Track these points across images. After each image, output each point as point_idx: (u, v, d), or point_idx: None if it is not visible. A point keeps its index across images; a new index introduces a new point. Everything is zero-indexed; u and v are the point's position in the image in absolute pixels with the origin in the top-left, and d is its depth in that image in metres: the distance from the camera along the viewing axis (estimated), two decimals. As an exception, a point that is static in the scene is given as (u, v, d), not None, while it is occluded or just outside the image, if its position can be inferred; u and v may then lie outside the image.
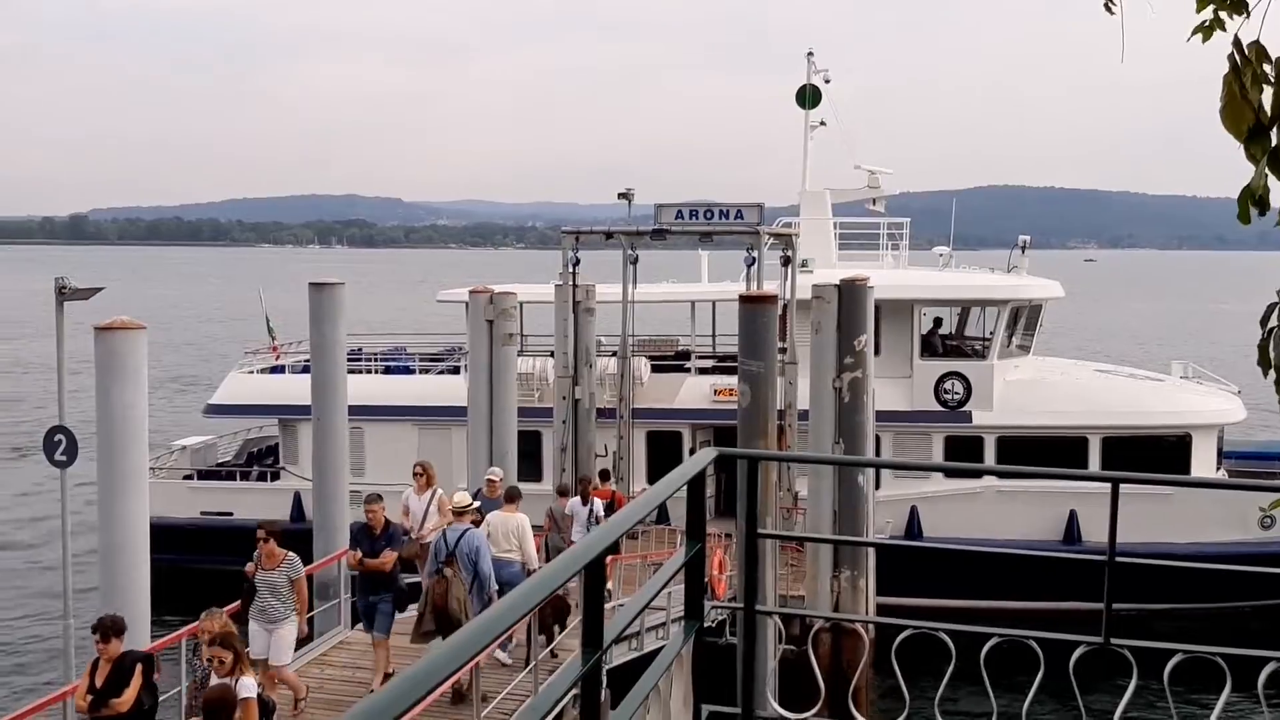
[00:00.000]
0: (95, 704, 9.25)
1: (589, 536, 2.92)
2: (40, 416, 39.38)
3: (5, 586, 23.64)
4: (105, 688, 9.29)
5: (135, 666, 9.32)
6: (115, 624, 9.53)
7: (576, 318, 21.51)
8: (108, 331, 11.93)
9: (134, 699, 9.18)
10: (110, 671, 9.35)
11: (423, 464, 14.56)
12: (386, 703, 1.81)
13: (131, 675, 9.24)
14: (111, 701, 9.19)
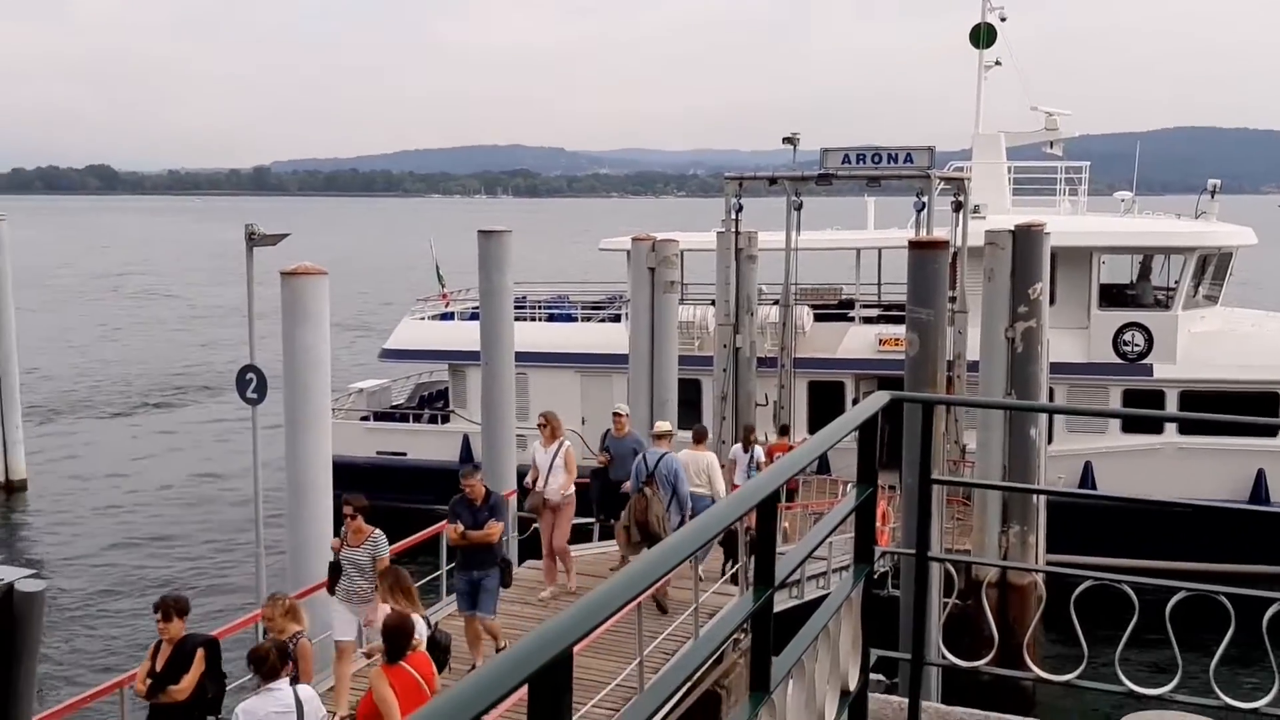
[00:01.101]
0: (154, 689, 8.55)
1: (764, 474, 2.92)
2: (234, 357, 41.87)
3: (203, 515, 25.26)
4: (165, 672, 8.57)
5: (197, 651, 8.59)
6: (178, 603, 8.83)
7: (738, 265, 21.41)
8: (292, 276, 12.50)
9: (194, 686, 8.46)
10: (171, 655, 8.62)
11: (547, 415, 13.70)
12: (598, 604, 1.89)
13: (192, 660, 8.53)
14: (170, 688, 8.49)
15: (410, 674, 7.81)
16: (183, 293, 75.47)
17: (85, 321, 59.71)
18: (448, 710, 1.64)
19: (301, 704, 7.40)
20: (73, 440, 32.52)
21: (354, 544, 10.54)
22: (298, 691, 7.45)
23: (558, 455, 13.32)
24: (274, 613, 8.83)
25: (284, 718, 7.34)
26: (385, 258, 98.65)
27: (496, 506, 11.47)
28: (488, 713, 1.70)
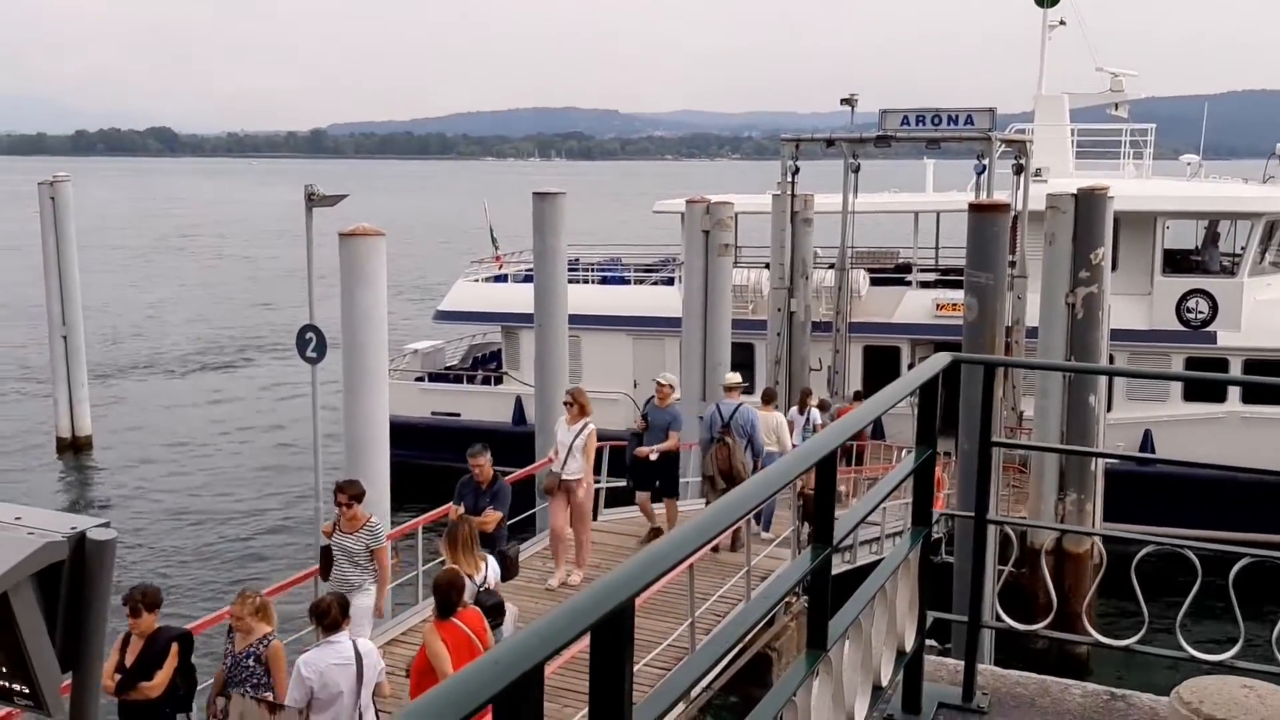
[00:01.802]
0: (123, 684, 8.05)
1: (824, 432, 2.91)
2: (293, 317, 42.44)
3: (263, 472, 25.73)
4: (135, 668, 8.05)
5: (171, 646, 8.07)
6: (146, 596, 8.22)
7: (794, 228, 21.25)
8: (350, 237, 12.62)
9: (166, 683, 7.97)
10: (142, 649, 8.11)
11: (574, 392, 13.04)
12: (661, 554, 1.90)
13: (165, 656, 8.02)
14: (141, 685, 7.98)
15: (461, 629, 7.92)
16: (243, 253, 76.49)
17: (148, 282, 60.75)
18: (510, 658, 1.65)
19: (361, 656, 7.50)
20: (136, 398, 33.21)
21: (347, 530, 9.96)
22: (357, 644, 7.55)
23: (580, 436, 12.52)
24: (242, 611, 8.06)
25: (344, 669, 7.43)
26: (439, 221, 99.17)
27: (499, 494, 10.75)
28: (550, 660, 1.72)
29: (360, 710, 7.44)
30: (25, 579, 3.73)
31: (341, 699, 7.35)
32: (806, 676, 2.80)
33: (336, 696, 7.33)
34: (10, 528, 3.89)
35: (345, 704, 7.37)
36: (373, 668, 7.51)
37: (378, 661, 7.62)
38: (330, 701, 7.34)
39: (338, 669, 7.38)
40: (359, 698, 7.42)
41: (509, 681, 1.61)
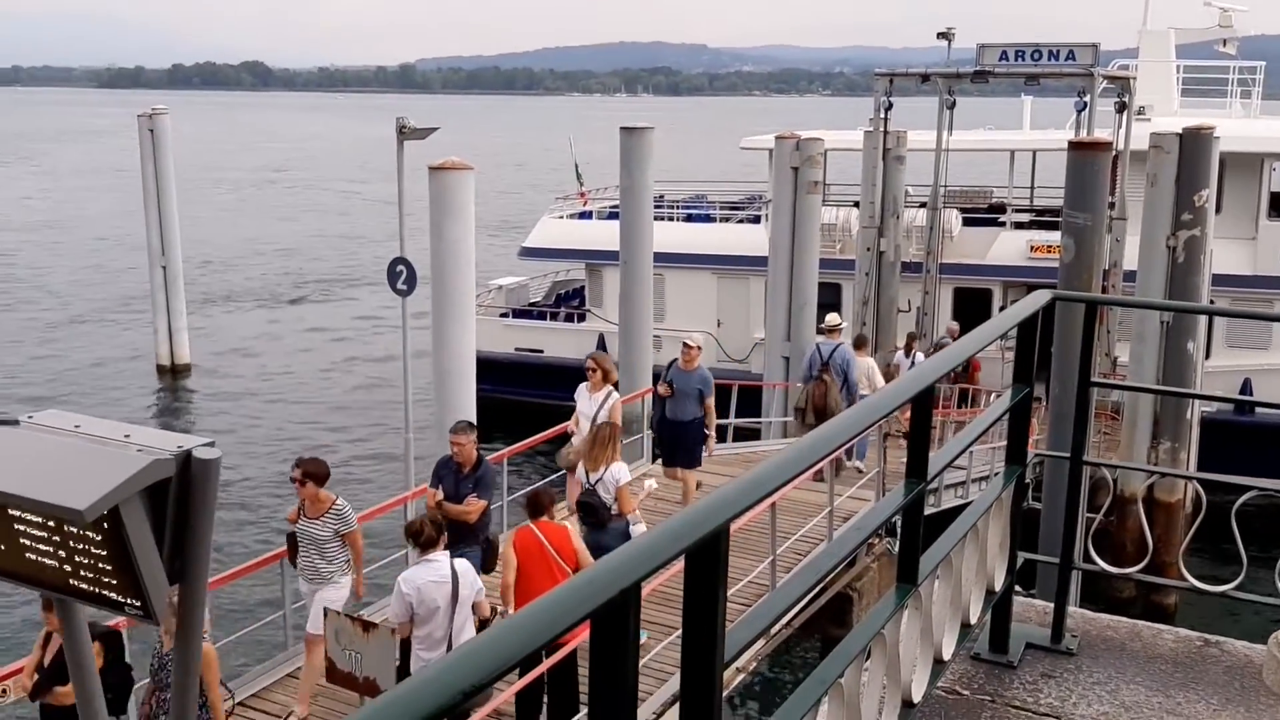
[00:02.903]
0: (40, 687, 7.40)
1: (920, 367, 2.87)
2: (382, 251, 43.11)
3: (354, 402, 26.31)
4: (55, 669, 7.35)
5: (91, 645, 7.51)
6: None
7: (885, 166, 20.88)
8: (440, 171, 12.70)
9: None
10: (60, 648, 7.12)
11: (596, 358, 12.08)
12: (758, 480, 1.91)
13: None
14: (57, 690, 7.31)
15: (534, 535, 8.23)
16: (335, 187, 77.58)
17: (243, 214, 62.02)
18: (607, 576, 1.67)
19: (457, 575, 7.71)
20: (232, 327, 34.09)
21: (312, 515, 8.83)
22: (454, 563, 7.77)
23: (604, 405, 11.54)
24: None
25: (440, 586, 7.65)
26: (525, 156, 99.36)
27: (483, 479, 9.55)
28: (646, 580, 1.73)
29: (456, 628, 7.67)
30: (135, 495, 3.87)
31: (438, 614, 7.60)
32: (896, 610, 2.79)
33: (433, 612, 7.59)
34: (120, 445, 4.04)
35: (441, 620, 7.63)
36: (469, 586, 7.72)
37: (474, 581, 7.82)
38: (428, 617, 7.61)
39: (434, 585, 7.62)
40: (454, 614, 7.65)
41: (605, 599, 1.63)
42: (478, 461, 9.60)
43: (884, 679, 2.82)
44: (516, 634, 1.51)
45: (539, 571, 8.17)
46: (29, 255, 46.16)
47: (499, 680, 1.54)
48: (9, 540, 4.31)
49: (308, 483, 8.78)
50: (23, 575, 4.41)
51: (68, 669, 6.93)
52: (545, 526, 8.34)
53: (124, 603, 4.15)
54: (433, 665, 1.39)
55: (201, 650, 4.53)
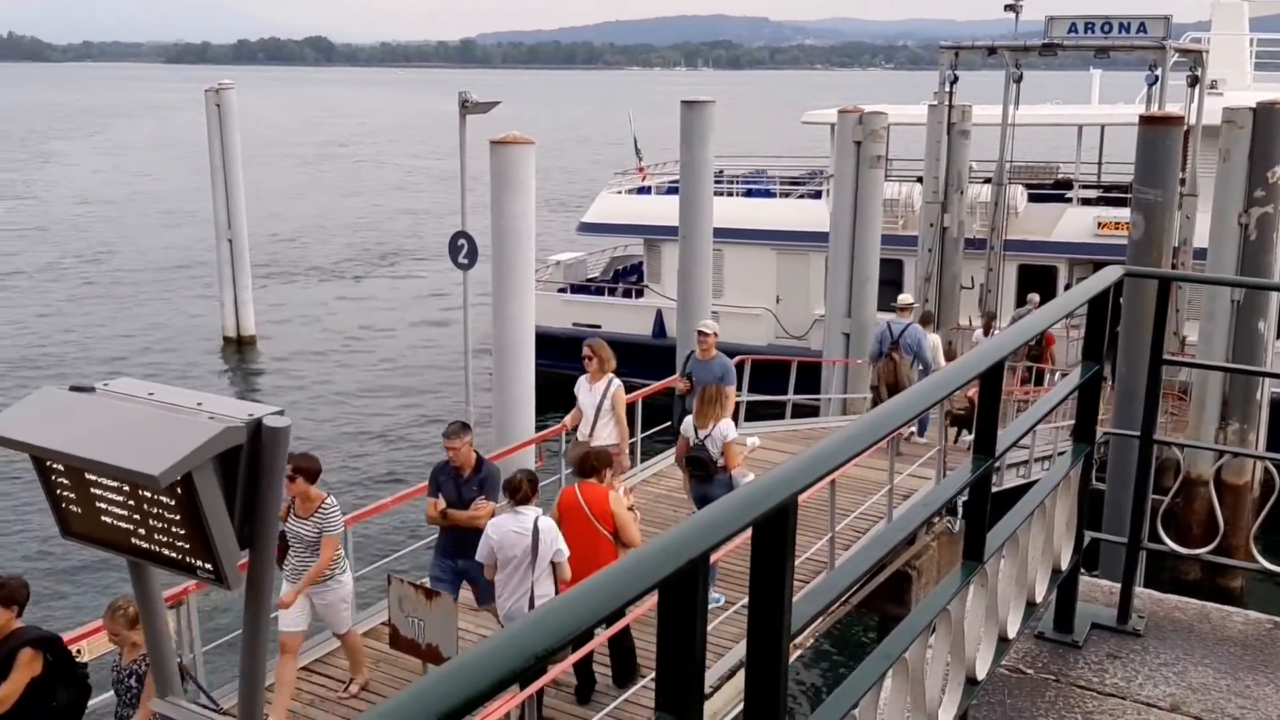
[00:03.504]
0: None
1: (989, 343, 2.84)
2: (442, 225, 43.46)
3: (415, 373, 26.61)
4: None
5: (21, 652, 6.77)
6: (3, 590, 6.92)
7: (950, 140, 20.58)
8: (501, 145, 12.74)
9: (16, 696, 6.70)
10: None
11: (593, 346, 11.19)
12: (826, 453, 1.91)
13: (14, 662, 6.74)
14: None
15: (574, 495, 8.45)
16: (398, 161, 78.22)
17: (307, 188, 62.77)
18: (675, 546, 1.68)
19: (539, 532, 7.93)
20: (296, 300, 34.59)
21: (302, 514, 8.36)
22: (538, 522, 7.98)
23: (607, 396, 10.87)
24: (114, 625, 6.90)
25: (520, 537, 7.92)
26: (584, 131, 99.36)
27: (487, 481, 8.90)
28: (715, 550, 1.74)
29: (535, 581, 7.92)
30: (207, 461, 3.96)
31: (516, 564, 7.92)
32: (961, 587, 2.78)
33: (511, 560, 7.92)
34: (192, 412, 4.12)
35: (520, 570, 7.94)
36: (548, 545, 7.94)
37: (554, 541, 8.02)
38: (506, 564, 7.95)
39: (516, 535, 7.92)
40: (533, 568, 7.91)
41: (673, 569, 1.64)
42: (478, 463, 8.95)
43: (948, 656, 2.80)
44: (586, 601, 1.52)
45: (574, 531, 8.35)
46: (100, 229, 47.17)
47: (567, 647, 1.55)
48: (86, 504, 4.44)
49: (298, 479, 8.25)
50: (99, 539, 4.54)
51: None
52: (586, 488, 8.50)
53: (196, 566, 4.26)
54: (507, 630, 1.41)
55: (268, 618, 4.63)
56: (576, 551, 8.13)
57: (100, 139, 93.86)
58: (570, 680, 8.68)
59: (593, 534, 8.33)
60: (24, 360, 26.96)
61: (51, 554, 16.46)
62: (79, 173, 68.14)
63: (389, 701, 1.23)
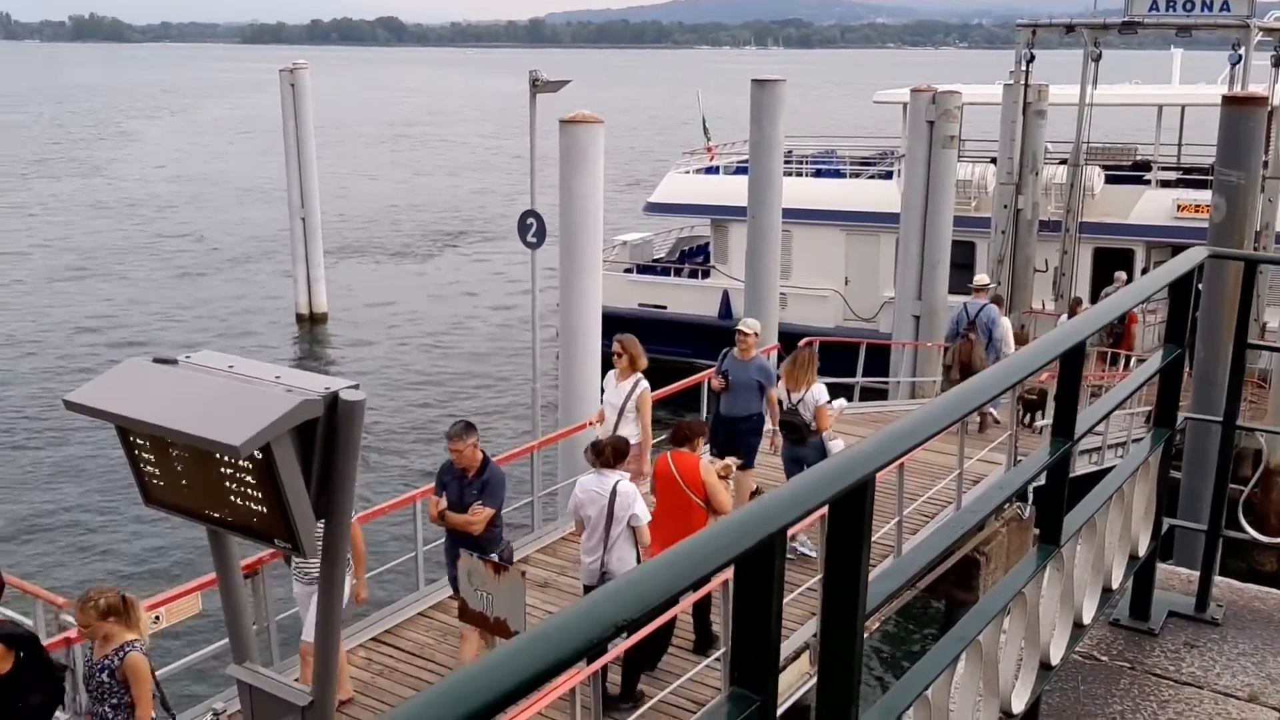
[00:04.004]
0: None
1: (1069, 323, 2.79)
2: (511, 204, 43.71)
3: (483, 351, 26.86)
4: None
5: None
6: None
7: (1025, 120, 20.20)
8: (570, 124, 12.77)
9: None
10: None
11: (623, 342, 10.75)
12: (903, 432, 1.90)
13: None
14: None
15: (667, 463, 8.77)
16: (468, 141, 78.75)
17: (379, 167, 63.47)
18: (752, 521, 1.68)
19: (616, 495, 8.21)
20: (367, 277, 35.06)
21: None
22: (618, 485, 8.27)
23: (634, 394, 10.50)
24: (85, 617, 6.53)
25: (599, 497, 8.25)
26: (652, 111, 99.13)
27: (489, 485, 8.50)
28: (790, 528, 1.73)
29: (611, 543, 8.26)
30: (286, 433, 4.03)
31: (593, 524, 8.31)
32: (1037, 571, 2.74)
33: (589, 519, 8.34)
34: (271, 385, 4.21)
35: (597, 532, 8.30)
36: (624, 508, 8.23)
37: (631, 504, 8.28)
38: (586, 520, 8.38)
39: (595, 495, 8.28)
40: (609, 528, 8.24)
41: (749, 545, 1.64)
42: (483, 465, 8.54)
43: (1022, 640, 2.77)
44: (662, 573, 1.53)
45: (666, 498, 8.74)
46: (179, 207, 48.16)
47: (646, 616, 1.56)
48: (169, 473, 4.54)
49: None
50: (179, 507, 4.65)
51: None
52: (679, 456, 8.77)
53: (274, 535, 4.35)
54: (586, 600, 1.42)
55: (343, 586, 4.72)
56: (669, 518, 8.50)
57: (179, 118, 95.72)
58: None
59: (684, 501, 8.61)
60: (104, 334, 27.69)
61: (133, 521, 16.93)
62: (158, 151, 69.60)
63: (477, 664, 1.25)
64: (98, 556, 16.18)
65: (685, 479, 8.60)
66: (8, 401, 22.68)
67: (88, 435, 19.85)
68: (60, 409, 3.78)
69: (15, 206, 47.06)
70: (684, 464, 8.68)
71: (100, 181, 55.71)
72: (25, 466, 19.48)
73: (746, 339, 11.47)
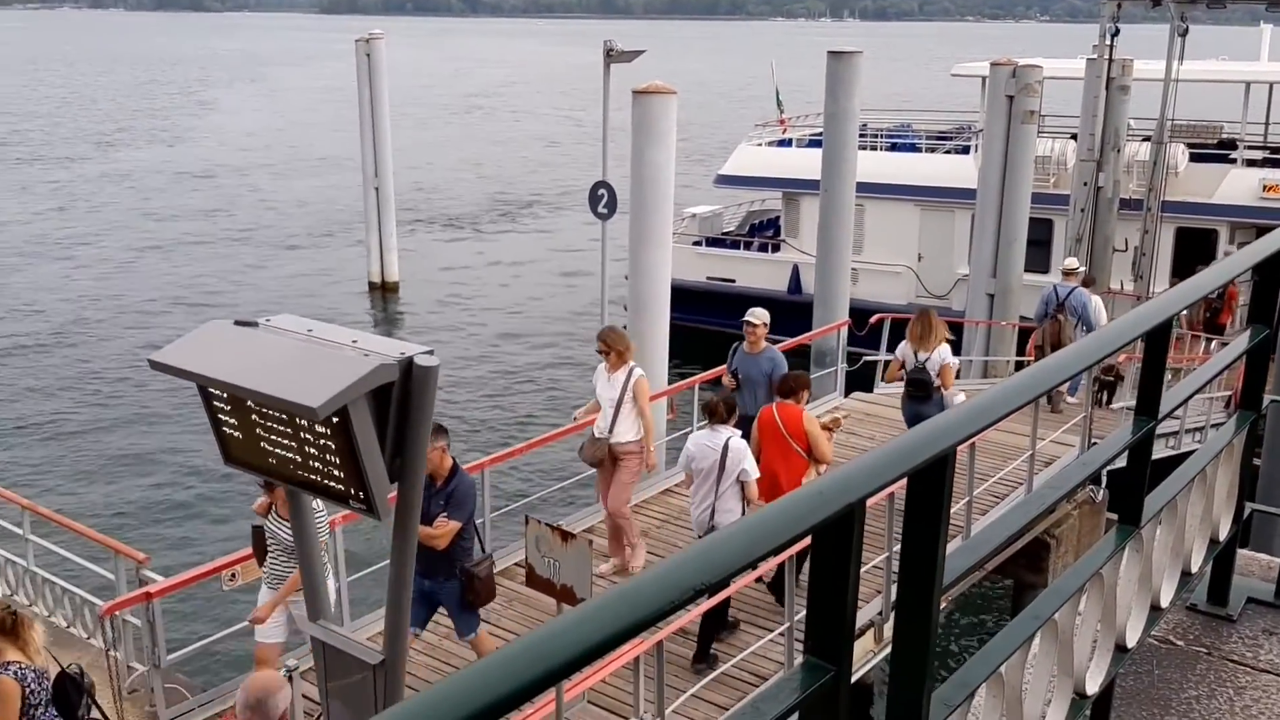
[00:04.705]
0: None
1: (1154, 301, 2.73)
2: (582, 175, 43.80)
3: (552, 323, 27.01)
4: None
5: None
6: None
7: (1108, 95, 19.72)
8: (644, 95, 12.72)
9: None
10: None
11: (605, 338, 9.99)
12: (986, 405, 1.87)
13: None
14: None
15: (771, 414, 9.22)
16: (541, 112, 78.91)
17: (452, 138, 63.90)
18: (832, 491, 1.67)
19: (728, 450, 8.57)
20: (437, 247, 35.39)
21: (285, 515, 7.53)
22: (730, 441, 8.63)
23: (628, 387, 9.74)
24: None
25: (711, 452, 8.63)
26: (725, 83, 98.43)
27: (455, 495, 7.79)
28: (869, 498, 1.72)
29: (719, 495, 8.63)
30: (362, 396, 4.11)
31: (704, 476, 8.70)
32: (1115, 552, 2.70)
33: (700, 472, 8.72)
34: (348, 349, 4.28)
35: (707, 483, 8.70)
36: (735, 462, 8.59)
37: (742, 460, 8.62)
38: (697, 475, 8.77)
39: (708, 450, 8.67)
40: (719, 481, 8.61)
41: (829, 514, 1.64)
42: (451, 473, 7.83)
43: (1098, 622, 2.74)
44: (742, 539, 1.53)
45: (771, 448, 9.14)
46: (257, 175, 48.97)
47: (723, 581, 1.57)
48: (248, 433, 4.65)
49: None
50: (259, 466, 4.77)
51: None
52: (783, 408, 9.21)
53: (349, 496, 4.43)
54: (667, 561, 1.43)
55: (415, 547, 4.81)
56: (773, 466, 8.97)
57: (258, 87, 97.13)
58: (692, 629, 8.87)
59: (788, 450, 9.07)
60: (184, 298, 28.31)
61: (213, 480, 17.34)
62: (238, 120, 70.74)
63: (558, 621, 1.27)
64: (175, 513, 16.63)
65: (789, 429, 9.04)
66: (93, 362, 23.34)
67: (170, 395, 20.37)
68: (144, 368, 3.88)
69: (103, 175, 48.24)
70: (788, 415, 9.12)
71: (180, 150, 56.82)
72: (109, 426, 20.05)
73: (755, 330, 10.75)
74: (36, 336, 24.95)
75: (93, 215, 39.21)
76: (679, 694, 7.88)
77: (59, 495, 16.61)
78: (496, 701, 1.16)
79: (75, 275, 30.59)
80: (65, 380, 22.27)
